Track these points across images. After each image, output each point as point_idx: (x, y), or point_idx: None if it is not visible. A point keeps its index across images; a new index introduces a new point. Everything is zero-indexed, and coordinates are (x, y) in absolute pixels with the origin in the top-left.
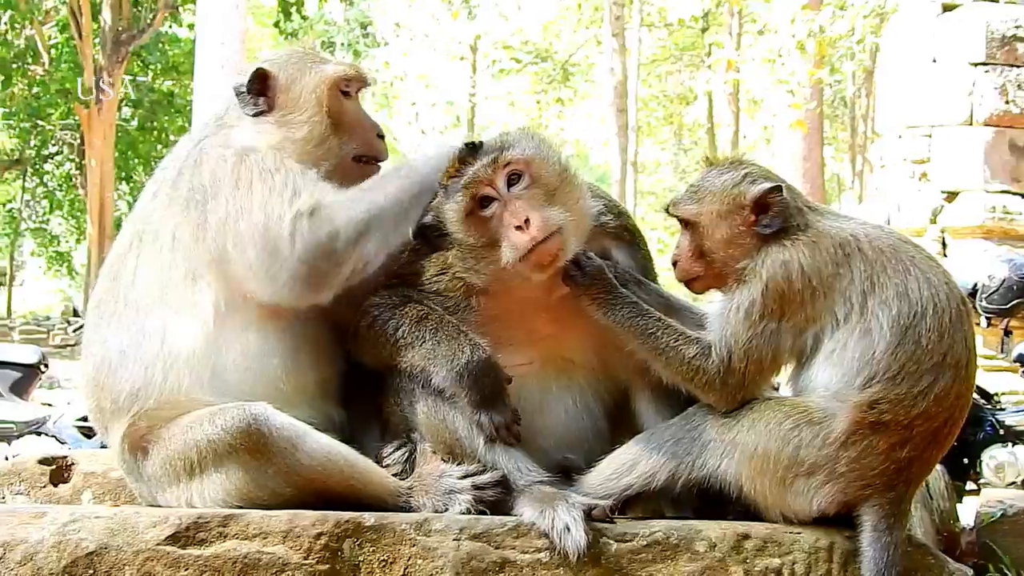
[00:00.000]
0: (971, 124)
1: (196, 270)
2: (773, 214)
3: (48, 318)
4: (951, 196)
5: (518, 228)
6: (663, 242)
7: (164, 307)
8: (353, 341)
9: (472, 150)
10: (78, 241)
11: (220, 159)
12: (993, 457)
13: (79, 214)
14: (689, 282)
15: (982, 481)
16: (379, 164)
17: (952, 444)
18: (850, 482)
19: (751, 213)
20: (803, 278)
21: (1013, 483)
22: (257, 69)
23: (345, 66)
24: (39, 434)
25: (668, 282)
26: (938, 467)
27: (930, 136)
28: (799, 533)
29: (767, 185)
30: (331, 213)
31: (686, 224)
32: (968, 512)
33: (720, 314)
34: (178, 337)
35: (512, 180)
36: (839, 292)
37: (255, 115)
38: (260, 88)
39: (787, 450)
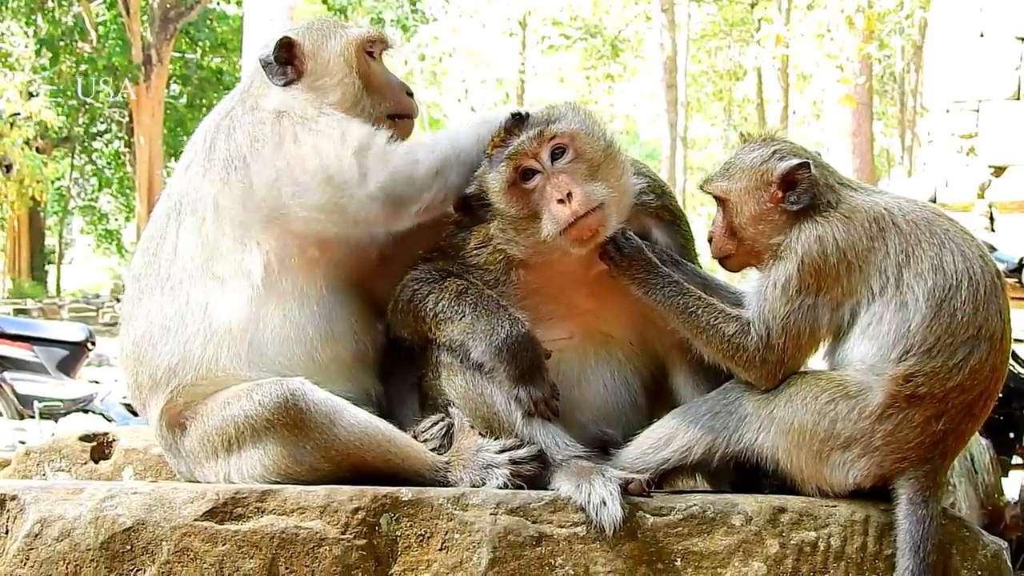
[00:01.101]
0: (1019, 98)
1: (245, 235)
2: (800, 191)
3: (97, 296)
4: (999, 171)
5: (560, 201)
6: (712, 217)
7: (209, 277)
8: (392, 315)
9: (518, 121)
10: (127, 219)
11: (257, 122)
12: None
13: (128, 192)
14: (723, 260)
15: None
16: (412, 120)
17: (995, 417)
18: (886, 455)
19: (778, 189)
20: (838, 252)
21: None
22: (282, 38)
23: (367, 28)
24: (86, 412)
25: (712, 264)
26: (983, 441)
27: (978, 111)
28: (835, 507)
29: (794, 162)
30: (406, 146)
31: (719, 201)
32: (1013, 486)
33: (758, 291)
34: (221, 307)
35: (556, 154)
36: (874, 265)
37: (284, 84)
38: (287, 57)
39: (823, 424)
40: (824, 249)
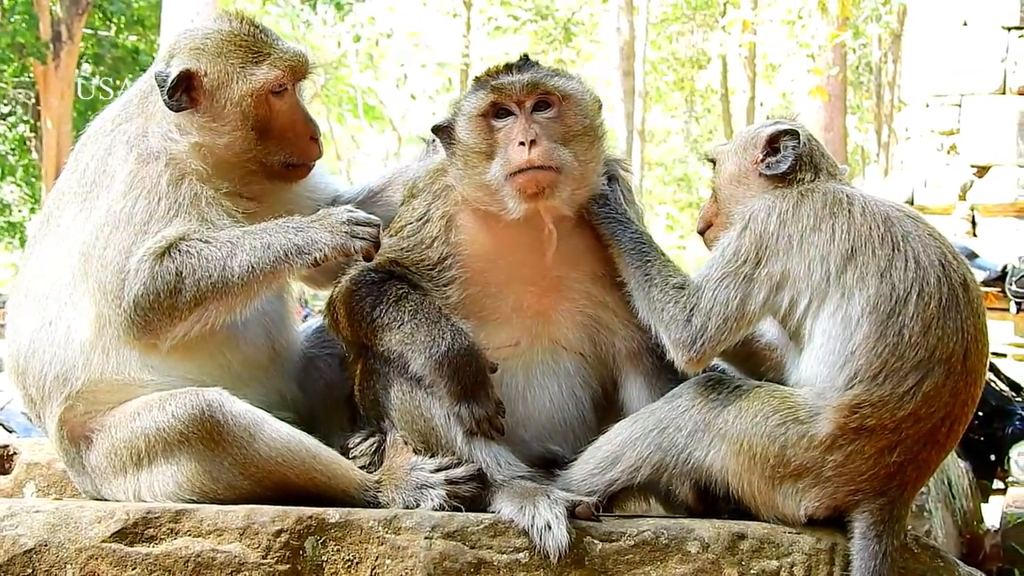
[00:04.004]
0: (1004, 93)
1: (76, 268)
2: (781, 157)
3: None
4: (982, 171)
5: (521, 144)
6: (672, 217)
7: (60, 300)
8: (328, 315)
9: (525, 61)
10: (32, 210)
11: (124, 157)
12: (1023, 454)
13: (34, 180)
14: (703, 231)
15: (1010, 479)
16: (308, 168)
17: (975, 438)
18: (838, 487)
19: (760, 152)
20: (779, 223)
21: None
22: (182, 71)
23: (278, 70)
24: None
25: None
26: (962, 464)
27: (959, 105)
28: (798, 533)
29: (783, 127)
30: (181, 265)
31: (712, 165)
32: (993, 513)
33: (709, 257)
34: (79, 330)
35: (540, 106)
36: (816, 248)
37: (177, 110)
38: (185, 85)
39: (774, 448)
40: (769, 218)
